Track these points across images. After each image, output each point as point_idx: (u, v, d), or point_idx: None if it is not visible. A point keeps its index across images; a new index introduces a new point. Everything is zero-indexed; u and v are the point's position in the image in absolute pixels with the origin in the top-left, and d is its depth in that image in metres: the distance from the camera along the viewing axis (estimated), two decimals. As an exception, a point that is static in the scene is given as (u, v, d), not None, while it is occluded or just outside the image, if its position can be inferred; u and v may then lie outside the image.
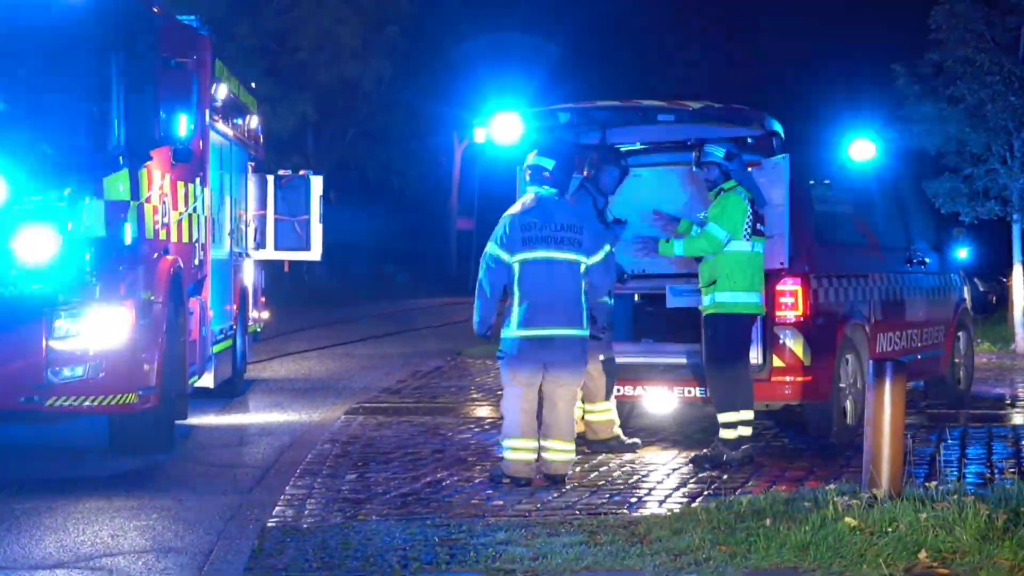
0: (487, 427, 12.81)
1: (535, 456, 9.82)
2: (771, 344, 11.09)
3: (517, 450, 9.77)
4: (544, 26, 50.49)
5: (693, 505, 8.82)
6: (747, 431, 10.54)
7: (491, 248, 9.89)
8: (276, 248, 17.34)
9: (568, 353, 9.85)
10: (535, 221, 9.88)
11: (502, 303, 10.01)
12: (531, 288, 9.79)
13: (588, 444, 11.17)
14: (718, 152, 10.67)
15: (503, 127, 11.65)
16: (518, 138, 11.77)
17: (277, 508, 8.89)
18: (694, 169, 10.99)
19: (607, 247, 10.28)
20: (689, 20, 54.80)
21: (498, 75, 48.89)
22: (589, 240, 10.00)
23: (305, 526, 8.34)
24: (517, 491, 9.45)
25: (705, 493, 9.38)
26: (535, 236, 9.84)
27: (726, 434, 10.46)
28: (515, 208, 10.05)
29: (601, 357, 11.01)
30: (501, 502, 9.08)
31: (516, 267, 9.83)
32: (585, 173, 11.39)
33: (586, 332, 9.88)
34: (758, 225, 10.62)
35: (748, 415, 10.54)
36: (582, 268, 9.92)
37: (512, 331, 9.82)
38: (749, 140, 11.60)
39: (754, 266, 10.58)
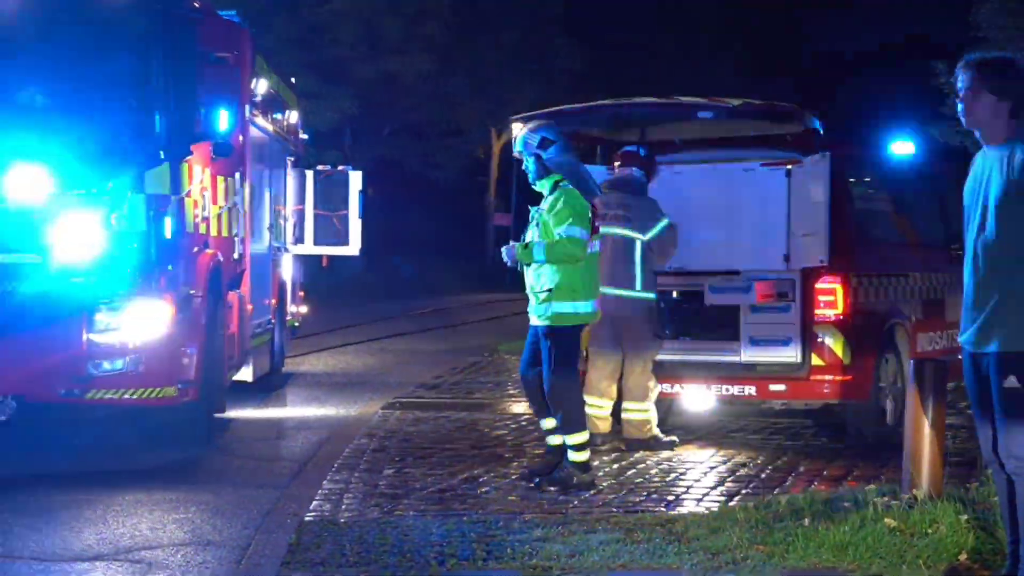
0: (524, 423, 12.80)
1: None
2: (810, 342, 11.05)
3: None
4: (583, 21, 50.44)
5: (731, 504, 8.79)
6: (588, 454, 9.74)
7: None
8: (315, 243, 17.40)
9: None
10: None
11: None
12: None
13: (625, 442, 11.16)
14: (532, 140, 9.70)
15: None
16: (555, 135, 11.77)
17: (315, 502, 8.90)
18: (516, 152, 9.95)
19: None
20: (728, 16, 54.66)
21: (537, 70, 48.90)
22: None
23: (342, 520, 8.35)
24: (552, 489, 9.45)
25: (743, 492, 9.34)
26: None
27: (578, 456, 9.56)
28: None
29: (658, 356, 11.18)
30: (539, 499, 9.07)
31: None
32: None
33: None
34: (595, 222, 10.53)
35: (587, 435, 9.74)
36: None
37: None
38: (788, 137, 11.56)
39: (595, 269, 9.89)
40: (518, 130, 9.91)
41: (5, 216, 10.23)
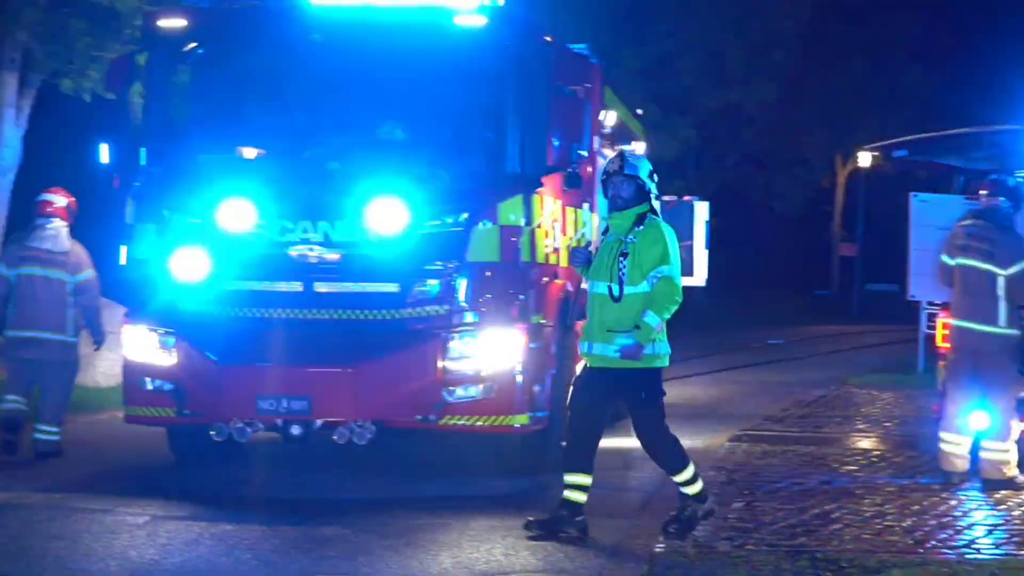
0: (874, 459, 12.50)
1: None
2: None
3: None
4: (934, 46, 49.16)
5: (1102, 550, 8.36)
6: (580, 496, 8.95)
7: None
8: (660, 273, 17.39)
9: None
10: None
11: None
12: None
13: (983, 482, 10.75)
14: (642, 167, 8.99)
15: (895, 151, 11.41)
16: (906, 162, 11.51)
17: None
18: (602, 177, 9.06)
19: None
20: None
21: (885, 98, 47.87)
22: None
23: (692, 553, 8.32)
24: (908, 527, 9.18)
25: (1114, 538, 8.87)
26: None
27: (691, 489, 8.96)
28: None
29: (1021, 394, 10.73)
30: (894, 537, 8.83)
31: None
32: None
33: None
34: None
35: (585, 478, 9.01)
36: None
37: None
38: None
39: None
40: (619, 153, 9.23)
41: (366, 247, 10.60)
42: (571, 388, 9.32)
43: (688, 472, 8.94)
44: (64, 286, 12.09)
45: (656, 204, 8.98)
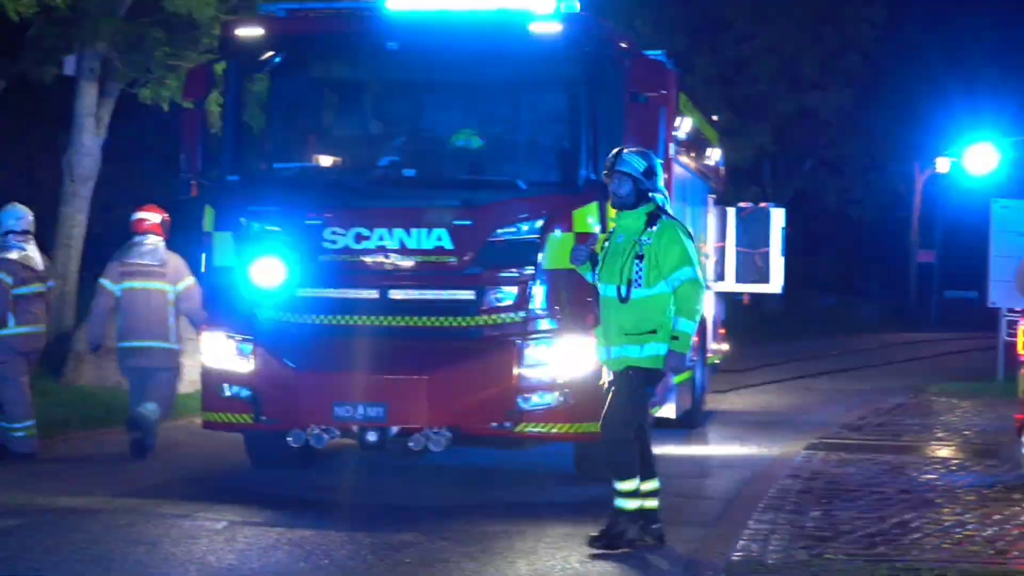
0: (953, 468, 12.38)
1: None
2: None
3: None
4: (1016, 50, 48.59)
5: None
6: (652, 502, 8.87)
7: None
8: (736, 280, 17.34)
9: None
10: None
11: None
12: None
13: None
14: (638, 163, 8.78)
15: (977, 157, 11.28)
16: (993, 169, 11.38)
17: (741, 542, 8.83)
18: (608, 169, 8.89)
19: None
20: None
21: (965, 103, 47.35)
22: None
23: (770, 562, 8.26)
24: (989, 537, 9.07)
25: None
26: None
27: (627, 504, 8.75)
28: None
29: None
30: (975, 547, 8.72)
31: None
32: None
33: None
34: None
35: (652, 484, 8.86)
36: None
37: None
38: None
39: None
40: (618, 149, 8.98)
41: (441, 254, 10.60)
42: (607, 401, 9.11)
43: (632, 484, 8.70)
44: (166, 295, 12.50)
45: (665, 202, 8.92)
